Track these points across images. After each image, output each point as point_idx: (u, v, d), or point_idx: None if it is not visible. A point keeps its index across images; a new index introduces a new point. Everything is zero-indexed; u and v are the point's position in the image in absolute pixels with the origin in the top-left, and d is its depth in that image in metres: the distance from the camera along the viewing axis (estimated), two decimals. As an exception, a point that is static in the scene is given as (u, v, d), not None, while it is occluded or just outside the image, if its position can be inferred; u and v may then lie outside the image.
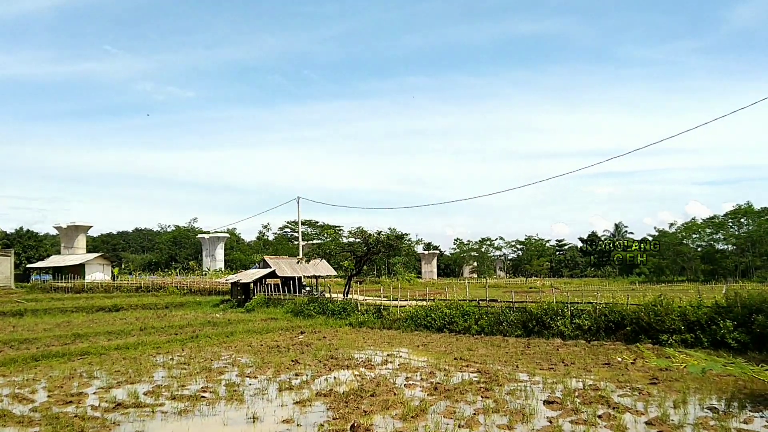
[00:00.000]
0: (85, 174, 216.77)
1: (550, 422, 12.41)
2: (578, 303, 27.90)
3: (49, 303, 45.52)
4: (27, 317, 38.49)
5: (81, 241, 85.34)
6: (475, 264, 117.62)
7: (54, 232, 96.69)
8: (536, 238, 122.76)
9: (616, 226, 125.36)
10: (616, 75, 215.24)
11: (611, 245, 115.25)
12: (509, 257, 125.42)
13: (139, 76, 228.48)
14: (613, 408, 13.50)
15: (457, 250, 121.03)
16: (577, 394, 14.93)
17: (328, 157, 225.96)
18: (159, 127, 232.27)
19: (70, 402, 14.56)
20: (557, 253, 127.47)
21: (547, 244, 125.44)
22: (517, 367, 19.30)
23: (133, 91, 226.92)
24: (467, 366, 19.41)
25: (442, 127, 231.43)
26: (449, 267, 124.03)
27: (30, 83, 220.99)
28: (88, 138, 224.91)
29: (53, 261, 76.17)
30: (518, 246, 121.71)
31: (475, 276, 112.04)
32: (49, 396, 15.31)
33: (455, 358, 21.09)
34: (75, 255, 78.58)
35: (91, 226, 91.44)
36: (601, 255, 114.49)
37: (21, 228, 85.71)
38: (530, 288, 64.01)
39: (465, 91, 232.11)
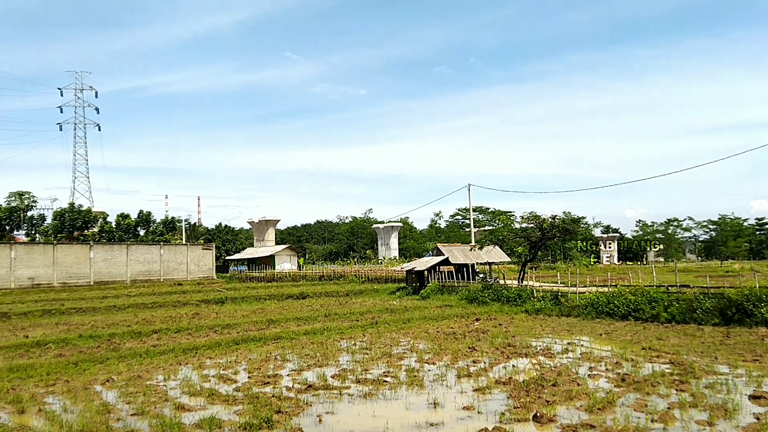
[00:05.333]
0: (272, 172, 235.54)
1: (758, 419, 11.17)
2: (788, 288, 24.80)
3: (245, 291, 50.06)
4: (227, 305, 42.47)
5: (270, 234, 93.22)
6: (661, 247, 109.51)
7: (248, 226, 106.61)
8: (732, 216, 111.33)
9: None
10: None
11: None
12: (700, 239, 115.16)
13: (315, 79, 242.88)
14: (838, 407, 11.84)
15: (640, 232, 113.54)
16: (790, 390, 13.30)
17: (494, 143, 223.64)
18: (335, 126, 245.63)
19: (268, 383, 15.78)
20: (757, 233, 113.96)
21: (745, 223, 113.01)
22: (715, 358, 17.61)
23: (311, 93, 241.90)
24: (657, 356, 18.10)
25: (610, 104, 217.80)
26: (631, 251, 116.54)
27: (218, 93, 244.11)
28: (271, 140, 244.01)
29: (248, 253, 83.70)
30: (711, 226, 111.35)
31: (662, 260, 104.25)
32: (249, 377, 16.71)
33: (643, 348, 19.71)
34: (266, 247, 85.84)
35: (279, 220, 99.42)
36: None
37: (220, 224, 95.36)
38: (727, 272, 58.20)
39: (634, 66, 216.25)
